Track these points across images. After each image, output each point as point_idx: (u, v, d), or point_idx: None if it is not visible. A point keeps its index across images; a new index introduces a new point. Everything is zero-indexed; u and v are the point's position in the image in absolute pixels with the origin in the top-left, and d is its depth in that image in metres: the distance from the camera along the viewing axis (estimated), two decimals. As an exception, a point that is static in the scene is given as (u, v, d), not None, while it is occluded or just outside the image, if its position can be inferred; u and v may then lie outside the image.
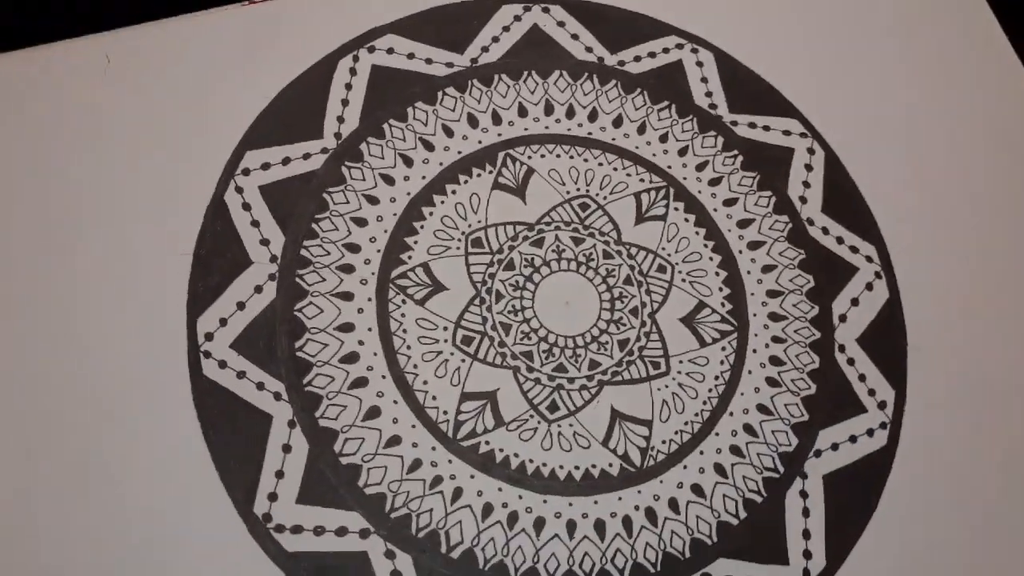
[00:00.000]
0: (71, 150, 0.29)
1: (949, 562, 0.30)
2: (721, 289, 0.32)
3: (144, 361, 0.27)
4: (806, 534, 0.30)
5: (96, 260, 0.28)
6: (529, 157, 0.33)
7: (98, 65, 0.31)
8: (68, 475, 0.26)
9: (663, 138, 0.34)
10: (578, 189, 0.33)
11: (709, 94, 0.35)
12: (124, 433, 0.27)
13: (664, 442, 0.30)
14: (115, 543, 0.25)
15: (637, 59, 0.35)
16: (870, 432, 0.31)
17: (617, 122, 0.34)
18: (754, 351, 0.32)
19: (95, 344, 0.27)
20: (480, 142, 0.33)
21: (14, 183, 0.29)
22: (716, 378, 0.31)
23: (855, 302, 0.33)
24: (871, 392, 0.32)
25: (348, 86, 0.32)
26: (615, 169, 0.33)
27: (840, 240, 0.34)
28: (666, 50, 0.35)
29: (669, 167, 0.34)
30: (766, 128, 0.35)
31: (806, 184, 0.34)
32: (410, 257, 0.31)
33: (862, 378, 0.32)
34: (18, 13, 0.33)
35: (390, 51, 0.33)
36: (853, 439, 0.31)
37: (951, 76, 0.37)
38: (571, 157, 0.33)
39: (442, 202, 0.31)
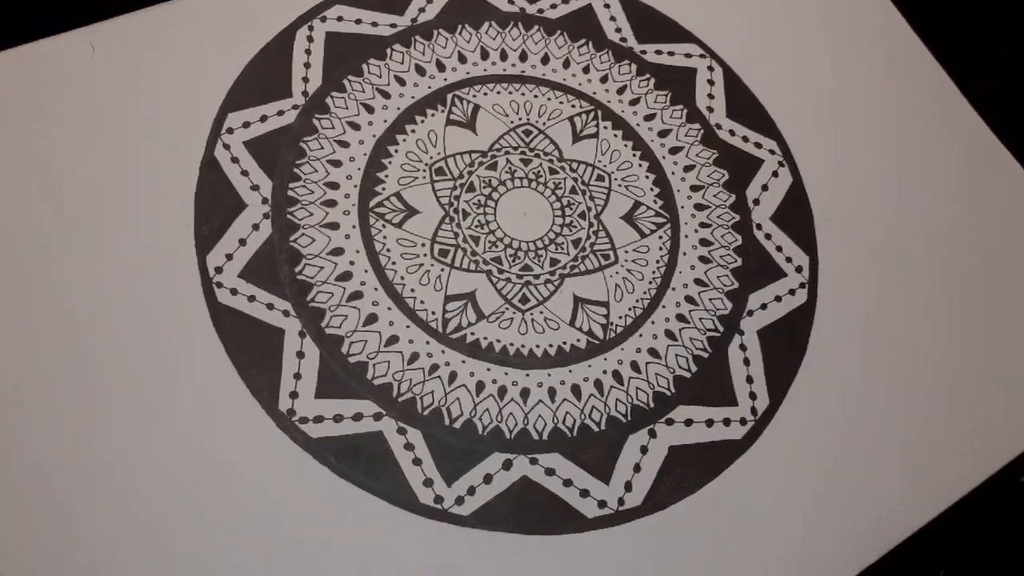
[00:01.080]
0: (73, 129, 0.33)
1: (869, 388, 0.36)
2: (652, 189, 0.38)
3: (165, 296, 0.31)
4: (749, 379, 0.35)
5: (111, 218, 0.32)
6: (474, 96, 0.38)
7: (85, 54, 0.34)
8: (113, 398, 0.29)
9: (586, 69, 0.39)
10: (520, 119, 0.38)
11: (619, 30, 0.40)
12: (157, 359, 0.30)
13: (621, 317, 0.35)
14: (160, 450, 0.29)
15: (553, 6, 0.40)
16: (792, 292, 0.37)
17: (544, 60, 0.39)
18: (686, 236, 0.37)
19: (121, 288, 0.31)
20: (429, 87, 0.37)
21: (28, 161, 0.32)
22: (657, 262, 0.36)
23: (765, 187, 0.39)
24: (788, 259, 0.38)
25: (308, 51, 0.37)
26: (549, 99, 0.38)
27: (745, 139, 0.40)
28: (578, -4, 0.41)
29: (594, 93, 0.39)
30: (671, 53, 0.40)
31: (710, 96, 0.40)
32: (383, 188, 0.35)
33: (779, 249, 0.38)
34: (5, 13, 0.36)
35: (339, 19, 0.38)
36: (778, 299, 0.37)
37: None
38: (510, 92, 0.38)
39: (404, 140, 0.36)
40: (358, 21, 0.38)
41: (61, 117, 0.33)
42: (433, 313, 0.33)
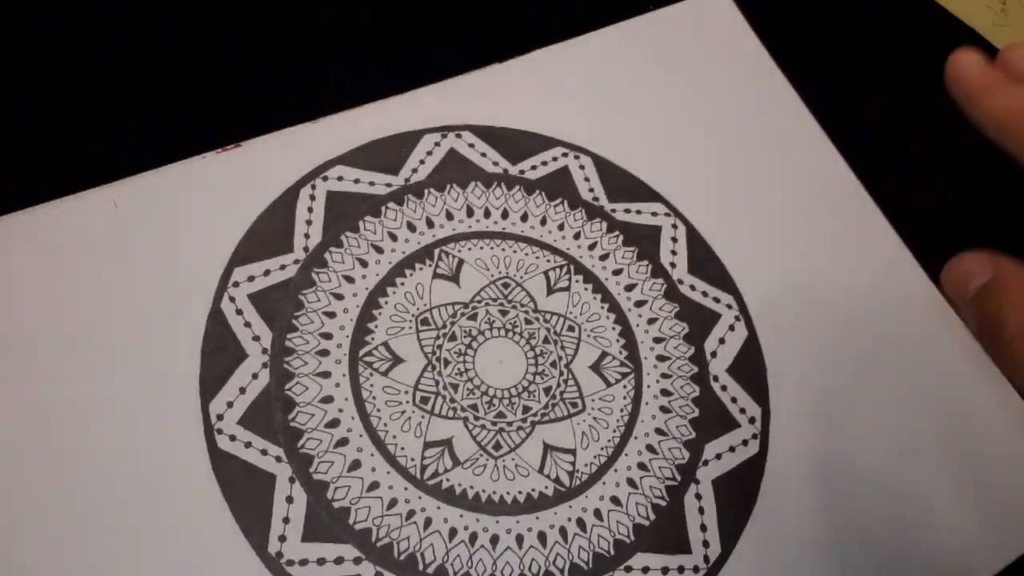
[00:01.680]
0: (96, 280, 0.36)
1: (817, 536, 0.39)
2: (618, 340, 0.41)
3: (170, 440, 0.34)
4: (703, 527, 0.38)
5: (122, 365, 0.35)
6: (459, 251, 0.41)
7: (108, 210, 0.38)
8: (111, 535, 0.32)
9: (560, 227, 0.43)
10: (500, 272, 0.41)
11: (591, 190, 0.44)
12: (157, 499, 0.33)
13: (586, 465, 0.38)
14: (156, 591, 0.32)
15: (533, 168, 0.44)
16: (745, 442, 0.40)
17: (524, 217, 0.43)
18: (648, 386, 0.40)
19: (129, 430, 0.34)
20: (419, 243, 0.41)
21: (56, 311, 0.36)
22: (621, 410, 0.40)
23: (722, 340, 0.42)
24: (742, 411, 0.41)
25: (310, 209, 0.40)
26: (527, 254, 0.42)
27: (705, 294, 0.43)
28: (555, 159, 0.45)
29: (568, 249, 0.43)
30: (638, 212, 0.45)
31: (673, 252, 0.44)
32: (372, 338, 0.38)
33: (734, 400, 0.41)
34: (31, 173, 0.40)
35: (340, 179, 0.42)
36: (732, 449, 0.40)
37: (774, 166, 0.48)
38: (491, 248, 0.42)
39: (394, 292, 0.40)
40: (356, 180, 0.42)
41: (84, 268, 0.37)
42: (412, 459, 0.36)
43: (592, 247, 0.43)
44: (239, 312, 0.37)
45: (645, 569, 0.36)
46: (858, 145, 0.50)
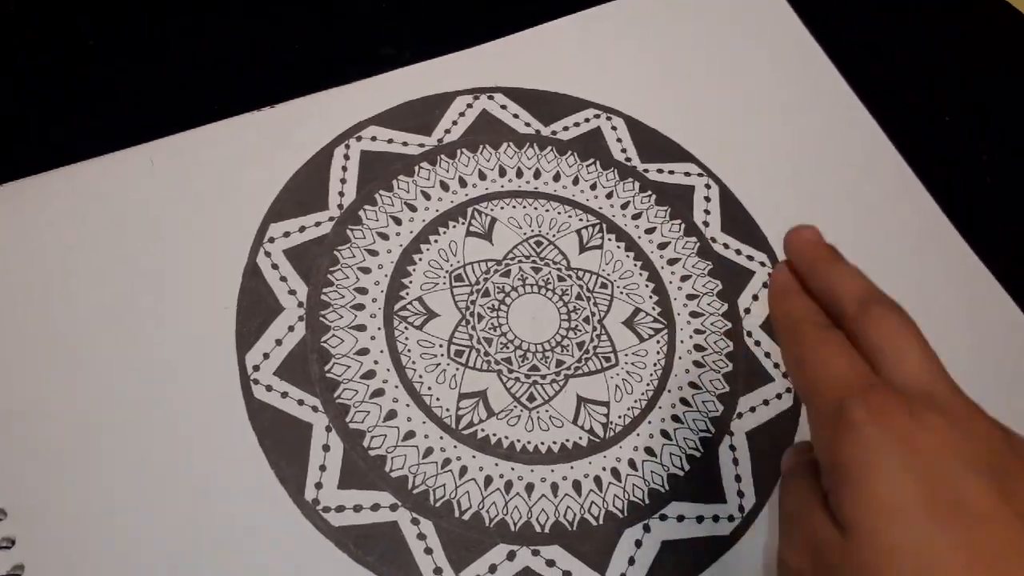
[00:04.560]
0: (134, 237, 0.37)
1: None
2: (651, 297, 0.41)
3: (208, 391, 0.35)
4: (738, 478, 0.38)
5: (159, 318, 0.36)
6: (491, 209, 0.42)
7: (145, 168, 0.39)
8: (154, 487, 0.33)
9: (593, 187, 0.43)
10: (532, 230, 0.42)
11: (624, 151, 0.45)
12: (196, 449, 0.34)
13: (620, 417, 0.38)
14: (193, 534, 0.32)
15: (565, 129, 0.45)
16: (779, 396, 0.40)
17: (556, 177, 0.43)
18: (681, 342, 0.40)
19: (169, 384, 0.35)
20: (452, 201, 0.41)
21: (96, 267, 0.36)
22: (655, 365, 0.40)
23: (755, 297, 0.42)
24: (776, 365, 0.41)
25: (344, 168, 0.41)
26: (559, 213, 0.42)
27: (738, 252, 0.43)
28: (587, 120, 0.45)
29: (600, 208, 0.43)
30: (671, 172, 0.44)
31: (707, 211, 0.44)
32: (407, 293, 0.39)
33: (767, 355, 0.41)
34: (69, 131, 0.41)
35: (373, 139, 0.42)
36: (766, 402, 0.40)
37: (802, 123, 0.48)
38: (524, 207, 0.42)
39: (427, 249, 0.40)
40: (390, 141, 0.42)
41: (123, 224, 0.38)
42: (447, 410, 0.37)
43: (625, 206, 0.43)
44: (275, 267, 0.38)
45: (680, 517, 0.36)
46: (893, 111, 0.50)
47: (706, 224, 0.44)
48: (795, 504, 0.27)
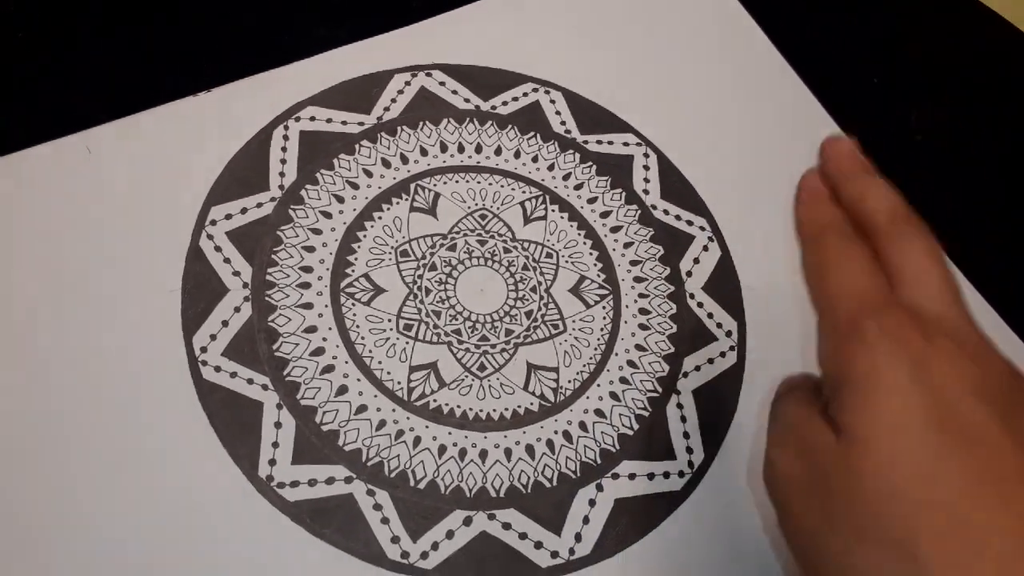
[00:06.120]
0: (74, 225, 0.37)
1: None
2: (595, 264, 0.42)
3: (155, 374, 0.35)
4: (686, 435, 0.39)
5: (106, 306, 0.35)
6: (434, 185, 0.42)
7: (81, 156, 0.38)
8: (106, 470, 0.33)
9: (534, 159, 0.44)
10: (476, 204, 0.42)
11: (563, 123, 0.45)
12: (146, 431, 0.33)
13: (569, 381, 0.39)
14: (149, 517, 0.32)
15: (505, 103, 0.45)
16: (722, 354, 0.41)
17: (498, 151, 0.44)
18: (627, 306, 0.41)
19: (114, 366, 0.34)
20: (395, 178, 0.42)
21: (37, 257, 0.36)
22: (601, 330, 0.40)
23: (696, 260, 0.43)
24: (719, 325, 0.42)
25: (284, 148, 0.41)
26: (502, 186, 0.43)
27: (678, 217, 0.44)
28: (526, 94, 0.46)
29: (543, 180, 0.43)
30: (610, 143, 0.45)
31: (646, 180, 0.45)
32: (353, 271, 0.39)
33: (710, 315, 0.42)
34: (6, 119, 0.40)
35: (312, 119, 0.42)
36: (711, 361, 0.41)
37: (735, 89, 0.49)
38: (467, 181, 0.42)
39: (372, 227, 0.40)
40: (329, 120, 0.42)
41: (62, 213, 0.37)
42: (399, 383, 0.37)
43: (566, 177, 0.44)
44: (218, 249, 0.38)
45: (632, 475, 0.37)
46: (823, 74, 0.51)
47: (646, 192, 0.44)
48: (792, 412, 0.27)
